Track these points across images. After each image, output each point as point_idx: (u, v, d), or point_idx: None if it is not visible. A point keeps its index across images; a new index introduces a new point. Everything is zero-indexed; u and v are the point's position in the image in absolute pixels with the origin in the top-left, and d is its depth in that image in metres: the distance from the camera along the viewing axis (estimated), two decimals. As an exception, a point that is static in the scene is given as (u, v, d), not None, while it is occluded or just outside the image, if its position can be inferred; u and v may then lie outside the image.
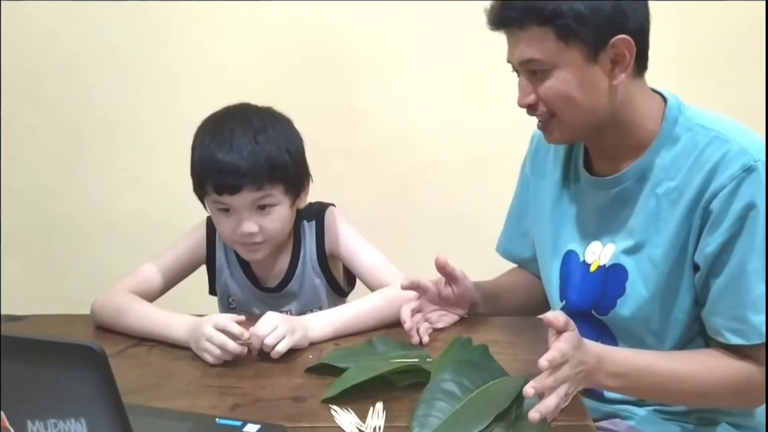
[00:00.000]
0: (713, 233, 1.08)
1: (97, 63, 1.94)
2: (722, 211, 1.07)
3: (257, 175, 1.25)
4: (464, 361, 1.06)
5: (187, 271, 1.42)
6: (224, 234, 1.33)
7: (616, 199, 1.19)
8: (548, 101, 1.11)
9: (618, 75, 1.09)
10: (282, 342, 1.16)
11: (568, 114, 1.12)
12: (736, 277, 1.07)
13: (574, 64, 1.08)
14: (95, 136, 2.00)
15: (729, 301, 1.08)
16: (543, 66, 1.09)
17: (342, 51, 1.90)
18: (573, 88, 1.09)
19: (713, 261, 1.08)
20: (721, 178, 1.07)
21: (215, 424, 0.98)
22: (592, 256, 1.23)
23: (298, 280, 1.42)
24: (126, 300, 1.28)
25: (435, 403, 0.96)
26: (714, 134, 1.11)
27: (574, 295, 1.25)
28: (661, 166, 1.14)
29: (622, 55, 1.08)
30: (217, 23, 1.90)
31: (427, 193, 1.99)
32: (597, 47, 1.07)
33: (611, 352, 1.07)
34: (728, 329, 1.08)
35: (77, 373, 0.70)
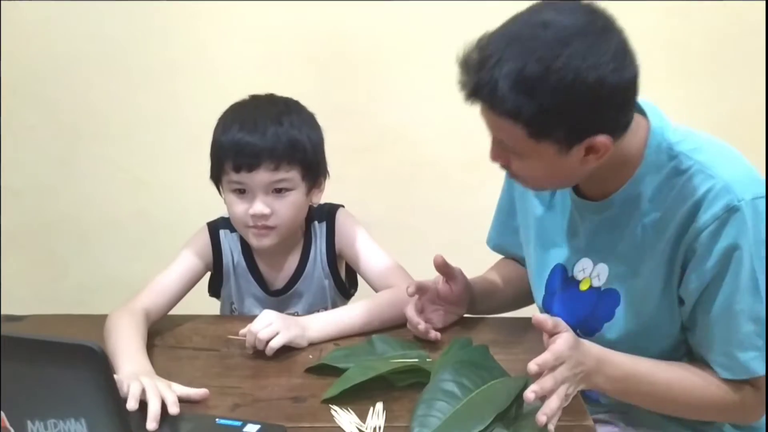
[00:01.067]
0: (696, 270, 1.06)
1: (97, 63, 1.94)
2: (706, 250, 1.04)
3: (276, 154, 1.26)
4: (464, 361, 1.06)
5: (197, 277, 1.40)
6: (236, 216, 1.32)
7: (606, 223, 1.16)
8: (517, 176, 1.10)
9: (591, 162, 1.03)
10: (276, 338, 1.16)
11: (536, 185, 1.14)
12: (723, 316, 1.05)
13: (544, 157, 1.02)
14: (95, 136, 2.00)
15: (717, 338, 1.07)
16: (512, 150, 1.04)
17: (342, 51, 1.90)
18: (542, 174, 1.06)
19: (698, 298, 1.07)
20: (704, 216, 1.04)
21: (215, 424, 0.98)
22: (582, 273, 1.21)
23: (307, 280, 1.41)
24: (116, 322, 1.22)
25: (435, 403, 0.96)
26: (698, 167, 1.06)
27: (560, 310, 1.23)
28: (647, 195, 1.10)
29: (596, 149, 1.01)
30: (217, 23, 1.90)
31: (427, 193, 1.99)
32: (570, 144, 1.00)
33: (611, 355, 1.06)
34: (718, 364, 1.08)
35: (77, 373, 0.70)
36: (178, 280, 1.35)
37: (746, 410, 1.11)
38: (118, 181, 2.02)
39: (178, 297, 1.35)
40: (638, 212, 1.12)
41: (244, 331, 1.19)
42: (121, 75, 1.95)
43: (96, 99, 1.97)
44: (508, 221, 1.40)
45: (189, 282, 1.38)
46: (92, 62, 1.94)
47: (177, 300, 1.35)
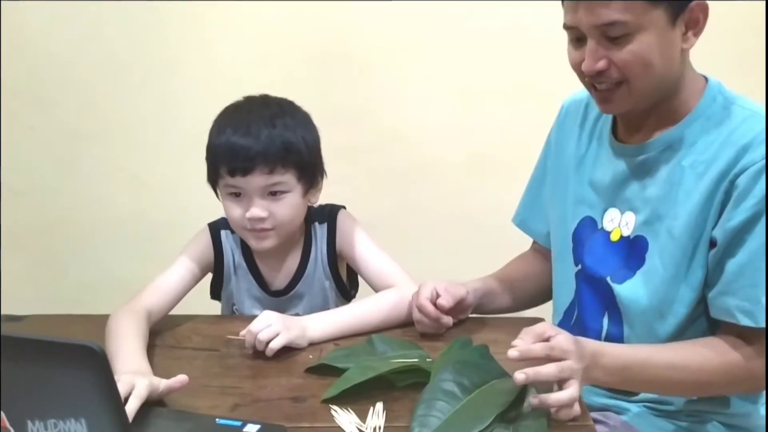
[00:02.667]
0: (737, 208, 1.07)
1: (97, 63, 1.94)
2: (748, 187, 1.06)
3: (270, 157, 1.25)
4: (464, 361, 1.06)
5: (198, 277, 1.40)
6: (234, 220, 1.32)
7: (639, 168, 1.18)
8: (625, 66, 1.07)
9: (691, 39, 1.09)
10: (276, 339, 1.16)
11: (642, 80, 1.09)
12: (755, 257, 1.06)
13: (657, 27, 1.05)
14: (95, 136, 2.00)
15: (744, 281, 1.07)
16: (626, 29, 1.05)
17: (342, 51, 1.90)
18: (654, 52, 1.06)
19: (732, 238, 1.08)
20: (753, 154, 1.06)
21: (215, 424, 0.98)
22: (611, 224, 1.22)
23: (307, 281, 1.41)
24: (117, 323, 1.22)
25: (435, 403, 0.96)
26: (751, 112, 1.11)
27: (591, 260, 1.24)
28: (692, 138, 1.13)
29: (696, 20, 1.08)
30: (217, 23, 1.90)
31: (428, 192, 1.99)
32: (678, 10, 1.06)
33: (606, 347, 1.08)
34: (740, 310, 1.07)
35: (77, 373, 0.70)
36: (180, 280, 1.35)
37: (752, 379, 1.11)
38: (118, 181, 2.02)
39: (180, 297, 1.35)
40: (678, 155, 1.14)
41: (244, 332, 1.19)
42: (121, 75, 1.95)
43: (96, 99, 1.97)
44: (535, 197, 1.42)
45: (190, 282, 1.38)
46: (92, 62, 1.94)
47: (178, 300, 1.35)
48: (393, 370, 1.07)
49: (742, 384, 1.13)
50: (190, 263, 1.38)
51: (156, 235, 2.02)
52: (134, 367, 1.08)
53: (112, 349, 1.15)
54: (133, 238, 2.05)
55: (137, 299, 1.29)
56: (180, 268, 1.37)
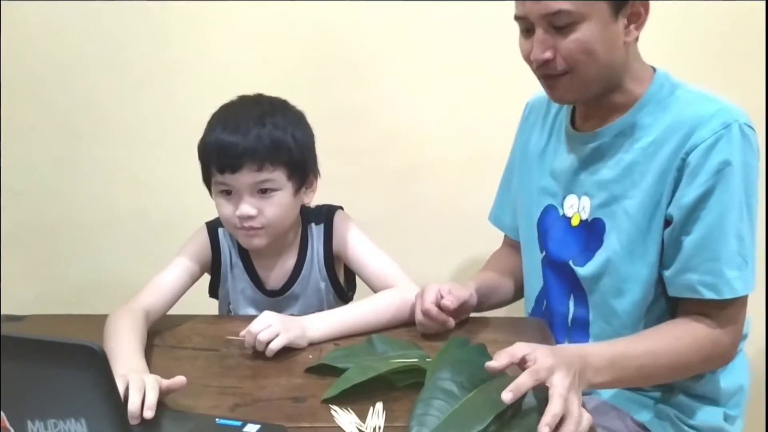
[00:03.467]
0: (690, 185, 1.12)
1: (97, 63, 1.94)
2: (700, 164, 1.11)
3: (258, 155, 1.26)
4: (462, 360, 1.06)
5: (196, 276, 1.41)
6: (225, 218, 1.33)
7: (594, 154, 1.24)
8: (569, 55, 1.14)
9: (632, 32, 1.15)
10: (276, 339, 1.16)
11: (586, 69, 1.15)
12: (714, 231, 1.11)
13: (600, 18, 1.11)
14: (95, 136, 2.00)
15: (704, 255, 1.12)
16: (570, 18, 1.11)
17: (342, 51, 1.90)
18: (597, 41, 1.12)
19: (687, 215, 1.13)
20: (702, 132, 1.12)
21: (215, 424, 0.98)
22: (571, 210, 1.28)
23: (303, 282, 1.41)
24: (116, 323, 1.23)
25: (434, 402, 0.96)
26: (697, 95, 1.18)
27: (555, 246, 1.31)
28: (643, 123, 1.20)
29: (638, 14, 1.14)
30: (217, 23, 1.89)
31: (428, 192, 1.98)
32: (620, 4, 1.12)
33: (588, 347, 1.12)
34: (702, 284, 1.12)
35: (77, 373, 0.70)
36: (178, 280, 1.35)
37: (721, 352, 1.16)
38: (118, 181, 2.02)
39: (178, 296, 1.35)
40: (630, 140, 1.21)
41: (244, 333, 1.19)
42: (121, 75, 1.94)
43: (96, 99, 1.97)
44: (506, 194, 1.50)
45: (188, 281, 1.38)
46: (92, 62, 1.94)
47: (176, 299, 1.35)
48: (393, 370, 1.07)
49: (713, 361, 1.18)
50: (187, 262, 1.38)
51: (156, 235, 2.02)
52: (132, 367, 1.09)
53: (110, 349, 1.15)
54: (133, 238, 2.05)
55: (135, 299, 1.29)
56: (178, 267, 1.37)
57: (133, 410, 0.96)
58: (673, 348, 1.13)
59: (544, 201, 1.34)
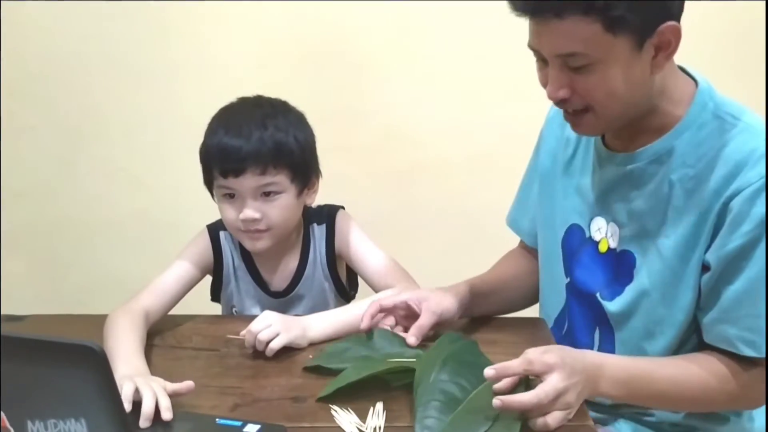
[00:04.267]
0: (732, 234, 1.01)
1: (97, 63, 1.94)
2: (744, 210, 1.00)
3: (261, 158, 1.25)
4: (459, 360, 1.05)
5: (197, 278, 1.40)
6: (228, 221, 1.32)
7: (627, 178, 1.12)
8: (588, 95, 1.02)
9: (662, 63, 1.01)
10: (276, 339, 1.16)
11: (607, 108, 1.04)
12: (756, 285, 1.01)
13: (621, 57, 0.98)
14: (95, 136, 2.00)
15: (745, 310, 1.02)
16: (585, 60, 0.99)
17: (342, 50, 1.90)
18: (619, 82, 1.00)
19: (728, 264, 1.03)
20: (748, 174, 1.00)
21: (215, 424, 0.98)
22: (599, 234, 1.18)
23: (307, 282, 1.41)
24: (115, 323, 1.22)
25: (436, 404, 0.96)
26: (744, 126, 1.04)
27: (581, 274, 1.20)
28: (681, 151, 1.06)
29: (668, 42, 0.99)
30: (217, 23, 1.89)
31: (428, 192, 1.99)
32: (644, 35, 0.97)
33: (609, 357, 1.05)
34: (741, 340, 1.03)
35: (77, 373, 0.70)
36: (178, 282, 1.35)
37: (751, 395, 1.08)
38: (118, 181, 2.02)
39: (178, 298, 1.35)
40: (667, 168, 1.08)
41: (244, 332, 1.19)
42: (121, 75, 1.95)
43: (96, 99, 1.97)
44: (527, 197, 1.38)
45: (188, 283, 1.37)
46: (92, 62, 1.94)
47: (176, 301, 1.35)
48: (388, 370, 1.07)
49: (740, 402, 1.12)
50: (188, 265, 1.38)
51: (156, 235, 2.02)
52: (132, 367, 1.08)
53: (109, 348, 1.14)
54: (133, 238, 2.05)
55: (135, 300, 1.28)
56: (178, 269, 1.36)
57: (148, 412, 0.95)
58: (701, 382, 1.06)
59: (570, 219, 1.23)
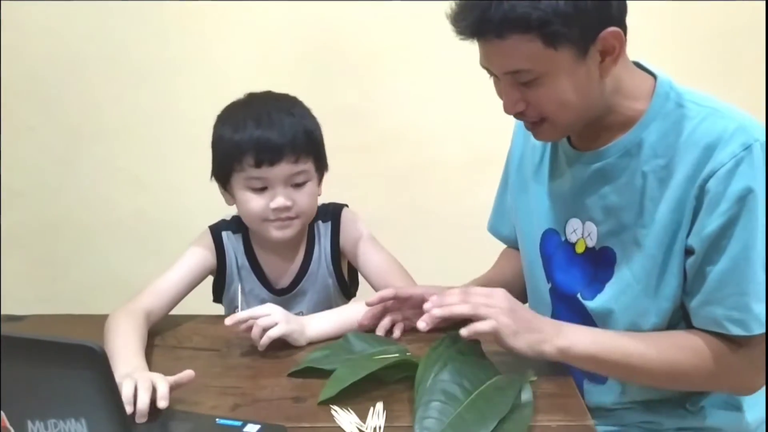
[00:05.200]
0: (711, 214, 1.02)
1: (97, 63, 1.94)
2: (720, 191, 1.01)
3: (297, 146, 1.28)
4: (461, 359, 1.05)
5: (199, 279, 1.40)
6: (254, 212, 1.31)
7: (597, 175, 1.13)
8: (540, 106, 1.05)
9: (609, 67, 1.03)
10: (274, 328, 1.16)
11: (561, 117, 1.07)
12: (739, 263, 1.02)
13: (564, 68, 1.01)
14: (95, 136, 2.00)
15: (730, 289, 1.03)
16: (532, 75, 1.02)
17: (342, 51, 1.90)
18: (567, 91, 1.03)
19: (710, 245, 1.03)
20: (720, 155, 1.01)
21: (215, 424, 0.98)
22: (574, 235, 1.18)
23: (311, 279, 1.42)
24: (116, 323, 1.23)
25: (436, 404, 0.95)
26: (709, 110, 1.05)
27: (561, 277, 1.21)
28: (650, 142, 1.08)
29: (612, 47, 1.01)
30: (217, 23, 1.89)
31: (428, 193, 1.99)
32: (586, 44, 1.00)
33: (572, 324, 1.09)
34: (728, 319, 1.03)
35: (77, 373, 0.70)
36: (180, 282, 1.35)
37: (740, 375, 1.07)
38: (118, 181, 2.02)
39: (178, 299, 1.35)
40: (638, 160, 1.09)
41: (245, 314, 1.18)
42: (121, 75, 1.95)
43: (96, 99, 1.97)
44: (502, 202, 1.41)
45: (190, 284, 1.37)
46: (92, 62, 1.94)
47: (177, 302, 1.35)
48: (383, 366, 1.06)
49: (722, 382, 1.10)
50: (190, 266, 1.38)
51: (156, 235, 2.02)
52: (132, 367, 1.08)
53: (110, 348, 1.15)
54: (133, 238, 2.05)
55: (136, 300, 1.28)
56: (180, 270, 1.36)
57: (143, 408, 0.96)
58: (674, 356, 1.06)
59: (544, 225, 1.23)
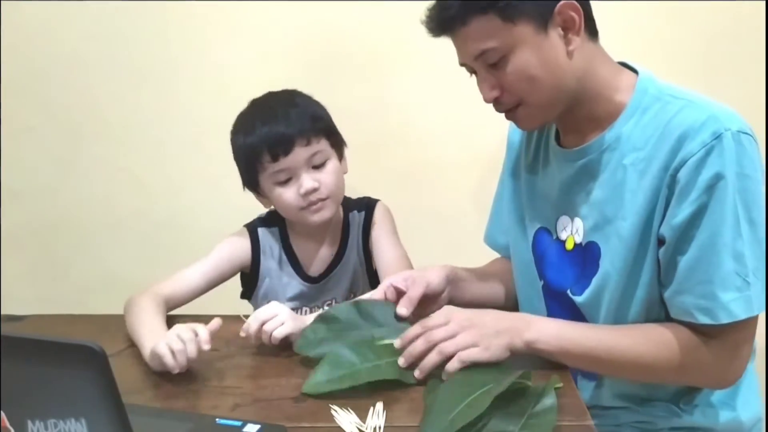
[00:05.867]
0: (681, 204, 1.04)
1: (97, 63, 1.94)
2: (690, 180, 1.03)
3: (305, 130, 1.34)
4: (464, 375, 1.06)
5: (225, 276, 1.46)
6: (288, 202, 1.37)
7: (582, 172, 1.16)
8: (513, 88, 1.10)
9: (572, 40, 1.08)
10: (281, 327, 1.18)
11: (535, 96, 1.10)
12: (706, 251, 1.02)
13: (527, 41, 1.06)
14: (95, 136, 2.00)
15: (697, 278, 1.03)
16: (498, 53, 1.07)
17: (342, 51, 1.90)
18: (533, 65, 1.07)
19: (680, 234, 1.04)
20: (691, 145, 1.03)
21: (215, 424, 0.98)
22: (564, 233, 1.21)
23: (345, 266, 1.48)
24: (137, 302, 1.29)
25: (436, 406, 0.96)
26: (684, 102, 1.08)
27: (552, 273, 1.24)
28: (629, 136, 1.10)
29: (571, 19, 1.07)
30: (217, 23, 1.89)
31: (427, 193, 1.98)
32: (544, 17, 1.06)
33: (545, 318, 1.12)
34: (697, 308, 1.03)
35: (77, 373, 0.70)
36: (203, 276, 1.40)
37: (711, 368, 1.07)
38: (118, 181, 2.02)
39: (199, 292, 1.41)
40: (619, 154, 1.11)
41: (253, 324, 1.20)
42: (121, 75, 1.94)
43: (96, 99, 1.97)
44: (500, 212, 1.43)
45: (213, 280, 1.43)
46: (92, 62, 1.94)
47: (197, 295, 1.41)
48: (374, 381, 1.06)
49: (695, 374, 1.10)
50: (218, 261, 1.43)
51: (156, 235, 2.02)
52: (154, 338, 1.14)
53: (135, 325, 1.23)
54: (133, 238, 2.05)
55: (156, 286, 1.35)
56: (206, 265, 1.42)
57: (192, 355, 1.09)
58: (637, 346, 1.07)
59: (536, 223, 1.26)
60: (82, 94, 1.97)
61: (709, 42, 1.83)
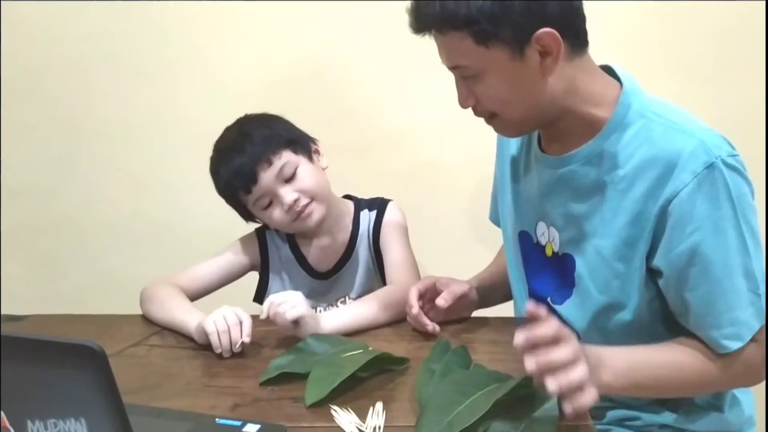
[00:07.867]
0: (679, 236, 1.01)
1: (97, 63, 1.94)
2: (686, 212, 1.00)
3: (261, 154, 1.35)
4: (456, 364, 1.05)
5: (237, 274, 1.50)
6: (278, 221, 1.40)
7: (560, 181, 1.14)
8: (486, 102, 1.07)
9: (550, 68, 1.02)
10: (293, 309, 1.21)
11: (508, 113, 1.08)
12: (723, 283, 1.02)
13: (500, 66, 1.02)
14: (95, 136, 2.00)
15: (719, 309, 1.03)
16: (470, 71, 1.04)
17: (341, 51, 1.90)
18: (505, 89, 1.04)
19: (682, 268, 1.03)
20: (682, 175, 1.00)
21: (215, 424, 0.98)
22: (543, 238, 1.20)
23: (355, 263, 1.49)
24: (157, 290, 1.35)
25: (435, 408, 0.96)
26: (669, 124, 1.05)
27: (534, 279, 1.23)
28: (611, 152, 1.07)
29: (549, 47, 1.00)
30: (217, 23, 1.89)
31: (427, 193, 1.98)
32: (520, 44, 1.00)
33: (605, 348, 1.03)
34: (726, 337, 1.03)
35: (77, 373, 0.70)
36: (218, 272, 1.45)
37: (755, 368, 1.07)
38: (118, 181, 2.02)
39: (212, 287, 1.44)
40: (599, 170, 1.09)
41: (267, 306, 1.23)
42: (120, 75, 1.94)
43: (96, 99, 1.97)
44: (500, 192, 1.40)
45: (226, 277, 1.46)
46: (92, 62, 1.94)
47: (210, 289, 1.44)
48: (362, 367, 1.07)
49: (744, 379, 1.10)
50: (234, 258, 1.47)
51: (156, 235, 2.02)
52: (197, 317, 1.23)
53: (167, 308, 1.30)
54: (133, 238, 2.05)
55: (170, 277, 1.41)
56: (220, 260, 1.47)
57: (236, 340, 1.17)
58: (695, 365, 1.05)
59: (519, 225, 1.26)
60: (81, 94, 1.97)
61: (709, 42, 1.83)
